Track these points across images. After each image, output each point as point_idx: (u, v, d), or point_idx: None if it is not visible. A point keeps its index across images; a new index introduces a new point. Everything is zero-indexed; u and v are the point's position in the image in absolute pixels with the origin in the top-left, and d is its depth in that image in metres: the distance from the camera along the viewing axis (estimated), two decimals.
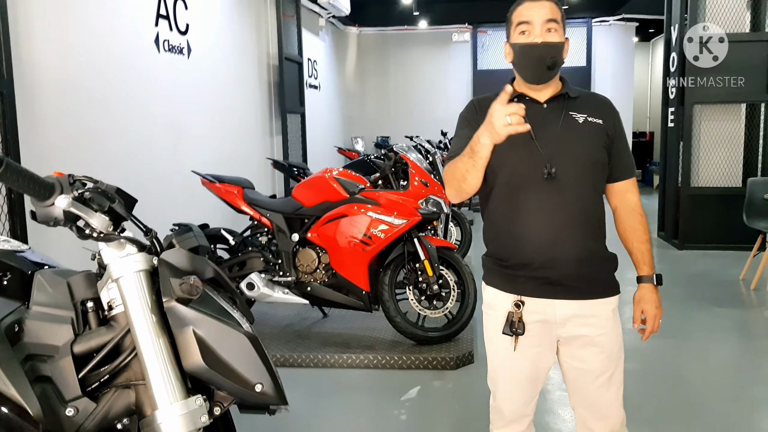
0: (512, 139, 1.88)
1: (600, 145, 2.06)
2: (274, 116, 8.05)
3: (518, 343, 2.07)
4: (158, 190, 5.11)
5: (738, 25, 7.47)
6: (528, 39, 2.00)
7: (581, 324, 2.06)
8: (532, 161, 2.01)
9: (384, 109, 13.96)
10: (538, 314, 2.06)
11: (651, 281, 2.14)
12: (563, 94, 2.09)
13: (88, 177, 1.41)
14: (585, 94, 2.16)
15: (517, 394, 2.17)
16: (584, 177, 2.04)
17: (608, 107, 2.14)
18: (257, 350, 1.37)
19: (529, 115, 1.98)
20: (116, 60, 4.63)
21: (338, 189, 4.43)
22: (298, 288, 4.49)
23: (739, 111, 7.70)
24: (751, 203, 6.16)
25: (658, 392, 3.81)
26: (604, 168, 2.09)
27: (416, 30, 13.57)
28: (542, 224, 2.02)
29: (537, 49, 1.99)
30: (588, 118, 2.07)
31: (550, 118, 2.06)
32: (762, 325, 5.14)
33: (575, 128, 2.05)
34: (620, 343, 2.13)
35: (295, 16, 8.57)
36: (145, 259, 1.40)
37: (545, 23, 1.98)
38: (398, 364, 4.17)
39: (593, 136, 2.06)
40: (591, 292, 2.06)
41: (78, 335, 1.39)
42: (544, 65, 2.00)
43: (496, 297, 2.13)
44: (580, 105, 2.10)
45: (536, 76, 2.04)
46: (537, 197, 2.02)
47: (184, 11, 5.64)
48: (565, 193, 2.01)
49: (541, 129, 2.03)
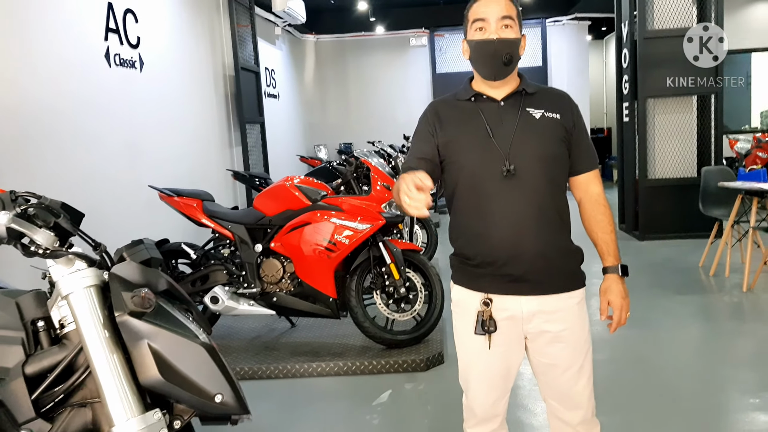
0: (471, 139, 2.02)
1: (558, 139, 2.07)
2: (232, 127, 7.99)
3: (491, 340, 2.07)
4: (116, 207, 5.02)
5: (685, 20, 7.63)
6: (484, 35, 2.02)
7: (546, 320, 2.07)
8: (491, 159, 2.02)
9: (345, 116, 13.96)
10: (506, 311, 2.07)
11: (616, 272, 2.13)
12: (520, 90, 2.10)
13: (31, 193, 1.38)
14: (543, 89, 2.17)
15: (487, 392, 2.18)
16: (543, 172, 2.04)
17: (566, 101, 2.15)
18: (215, 360, 1.36)
19: (487, 113, 2.06)
20: (66, 76, 4.55)
21: (300, 197, 4.40)
22: (264, 299, 4.44)
23: (691, 103, 7.87)
24: (706, 192, 6.28)
25: (626, 379, 3.86)
26: (563, 162, 2.10)
27: (373, 36, 13.61)
28: (504, 221, 2.02)
29: (492, 45, 2.01)
30: (545, 114, 2.08)
31: (507, 115, 2.07)
32: (723, 310, 5.24)
33: (532, 124, 2.06)
34: (586, 335, 2.14)
35: (250, 25, 8.52)
36: (95, 274, 1.37)
37: (500, 20, 2.00)
38: (369, 369, 4.15)
39: (551, 130, 2.06)
40: (555, 287, 2.07)
41: (29, 356, 1.36)
42: (500, 61, 2.02)
43: (464, 295, 2.14)
44: (538, 100, 2.10)
45: (492, 72, 2.05)
46: (497, 195, 2.03)
47: (134, 24, 5.57)
48: (524, 189, 2.02)
49: (499, 126, 2.05)
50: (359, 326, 4.33)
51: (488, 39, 2.01)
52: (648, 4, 7.67)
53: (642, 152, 7.84)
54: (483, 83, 2.11)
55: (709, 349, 4.43)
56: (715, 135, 7.75)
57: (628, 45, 8.02)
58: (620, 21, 8.31)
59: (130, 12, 5.50)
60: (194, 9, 7.05)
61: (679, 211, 7.71)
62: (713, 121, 7.78)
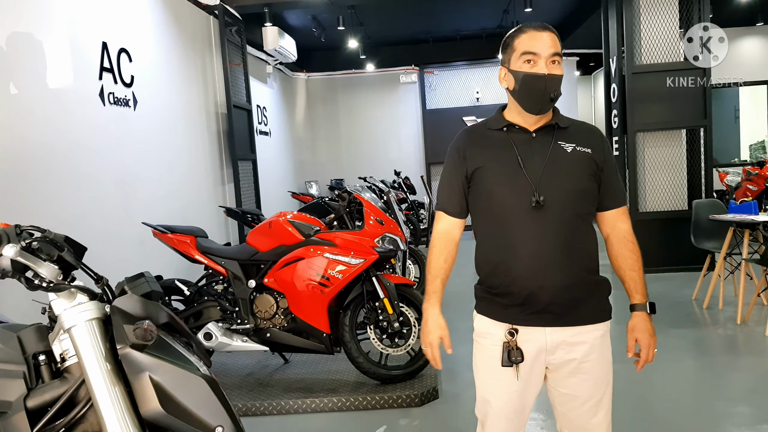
0: (501, 168, 2.06)
1: (588, 174, 2.08)
2: (225, 164, 8.02)
3: (517, 369, 2.08)
4: (109, 245, 5.02)
5: (673, 56, 7.77)
6: (533, 69, 2.03)
7: (568, 351, 2.07)
8: (520, 190, 2.04)
9: (336, 153, 14.04)
10: (530, 342, 2.07)
11: (644, 309, 2.14)
12: (553, 124, 2.12)
13: (36, 227, 1.39)
14: (576, 123, 2.18)
15: (506, 425, 2.17)
16: (571, 206, 2.05)
17: (597, 136, 2.16)
18: (216, 393, 1.36)
19: (519, 143, 2.09)
20: (61, 115, 4.58)
21: (293, 232, 4.41)
22: (258, 335, 4.42)
23: (680, 136, 7.98)
24: (698, 224, 6.34)
25: (619, 414, 3.83)
26: (592, 196, 2.11)
27: (364, 73, 13.76)
28: (530, 252, 2.04)
29: (543, 81, 2.02)
30: (577, 148, 2.09)
31: (539, 147, 2.09)
32: (717, 343, 5.25)
33: (563, 157, 2.07)
34: (608, 368, 2.14)
35: (242, 64, 8.61)
36: (97, 307, 1.38)
37: (551, 56, 2.03)
38: (363, 405, 4.13)
39: (581, 165, 2.08)
40: (579, 319, 2.07)
41: (31, 389, 1.35)
42: (547, 97, 2.04)
43: (488, 326, 2.15)
44: (570, 134, 2.12)
45: (538, 107, 2.07)
46: (525, 226, 2.04)
47: (128, 63, 5.63)
48: (552, 221, 2.03)
49: (529, 158, 2.07)
50: (353, 361, 4.31)
51: (539, 74, 2.02)
52: (636, 40, 7.82)
53: (632, 186, 7.91)
54: (518, 114, 2.13)
55: (703, 382, 4.42)
56: (705, 168, 7.85)
57: (616, 80, 8.16)
58: (608, 56, 8.46)
59: (124, 51, 5.55)
60: (187, 48, 7.14)
61: (670, 244, 7.76)
62: (702, 154, 7.88)
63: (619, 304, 2.25)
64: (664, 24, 7.78)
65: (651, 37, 7.82)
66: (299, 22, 10.79)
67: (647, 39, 7.82)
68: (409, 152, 13.59)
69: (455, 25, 11.65)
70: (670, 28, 7.77)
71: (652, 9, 7.79)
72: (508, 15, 10.87)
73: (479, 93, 13.23)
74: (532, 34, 2.05)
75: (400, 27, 12.08)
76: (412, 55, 13.57)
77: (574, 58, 13.41)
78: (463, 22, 11.72)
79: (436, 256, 2.22)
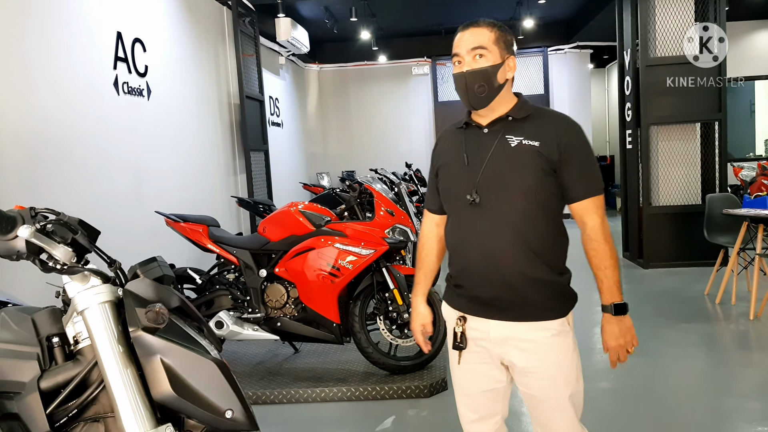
0: (452, 166, 2.14)
1: (535, 168, 2.01)
2: (237, 154, 8.05)
3: (462, 357, 2.15)
4: (122, 233, 5.05)
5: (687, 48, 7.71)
6: (458, 69, 2.07)
7: (517, 348, 2.06)
8: (464, 187, 2.08)
9: (347, 144, 14.03)
10: (477, 332, 2.11)
11: (608, 311, 2.05)
12: (506, 117, 2.08)
13: (50, 209, 1.41)
14: (538, 114, 2.10)
15: (465, 409, 2.24)
16: (514, 202, 2.02)
17: (555, 127, 2.05)
18: (226, 377, 1.37)
19: (469, 140, 2.12)
20: (76, 104, 4.61)
21: (304, 222, 4.42)
22: (268, 324, 4.45)
23: (694, 130, 7.92)
24: (711, 219, 6.30)
25: (630, 409, 3.84)
26: (545, 192, 2.03)
27: (376, 65, 13.73)
28: (473, 247, 2.08)
29: (463, 79, 2.05)
30: (524, 141, 2.03)
31: (487, 143, 2.08)
32: (729, 338, 5.23)
33: (506, 153, 2.04)
34: (569, 369, 2.08)
35: (255, 55, 8.63)
36: (110, 290, 1.39)
37: (470, 51, 2.03)
38: (372, 395, 4.14)
39: (526, 159, 2.02)
40: (524, 316, 2.05)
41: (44, 371, 1.37)
42: (473, 92, 2.04)
43: (446, 312, 2.23)
44: (523, 127, 2.06)
45: (469, 103, 2.08)
46: (470, 222, 2.08)
47: (142, 53, 5.65)
48: (493, 218, 2.03)
49: (476, 155, 2.08)
50: (362, 352, 4.32)
51: (458, 73, 2.06)
52: (650, 32, 7.76)
53: (645, 179, 7.87)
54: (474, 112, 2.14)
55: (714, 378, 4.41)
56: (719, 162, 7.78)
57: (630, 73, 8.10)
58: (622, 49, 8.40)
59: (138, 41, 5.58)
60: (201, 38, 7.15)
61: (683, 238, 7.72)
62: (717, 148, 7.81)
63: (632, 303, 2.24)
64: (679, 16, 7.71)
65: (666, 29, 7.74)
66: (312, 13, 10.77)
67: (662, 32, 7.75)
68: (421, 145, 13.55)
69: (468, 17, 11.52)
70: (685, 21, 7.70)
71: (667, 1, 7.72)
72: (522, 6, 10.81)
73: None
74: (458, 35, 2.09)
75: (412, 18, 12.03)
76: (424, 47, 13.53)
77: (587, 51, 13.33)
78: (476, 14, 11.56)
79: (418, 250, 2.40)
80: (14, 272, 3.23)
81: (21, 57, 4.10)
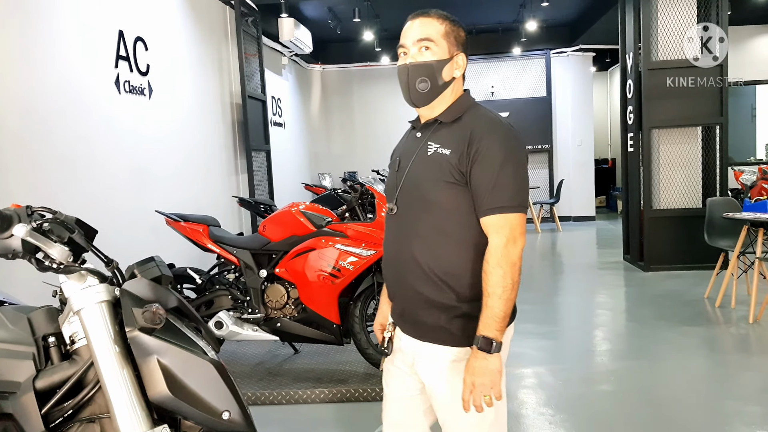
0: (391, 168, 2.05)
1: (442, 180, 1.83)
2: (238, 154, 8.05)
3: (383, 362, 2.12)
4: (122, 232, 5.05)
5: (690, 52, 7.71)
6: (402, 60, 1.94)
7: (421, 365, 1.97)
8: (390, 194, 2.02)
9: (350, 145, 14.03)
10: (398, 340, 2.07)
11: (476, 343, 1.79)
12: (436, 120, 1.93)
13: (47, 208, 1.40)
14: (468, 117, 1.90)
15: (388, 411, 2.14)
16: (423, 216, 1.88)
17: (470, 133, 1.83)
18: (223, 378, 1.37)
19: (407, 143, 2.04)
20: (77, 103, 4.61)
21: (305, 223, 4.42)
22: (268, 324, 4.44)
23: (696, 134, 7.92)
24: (711, 223, 6.29)
25: (631, 412, 3.83)
26: (451, 206, 1.84)
27: (379, 66, 13.73)
28: (389, 256, 2.04)
29: (405, 71, 1.91)
30: (438, 149, 1.86)
31: (413, 148, 1.96)
32: (729, 342, 5.21)
33: (423, 161, 1.89)
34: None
35: (257, 55, 8.63)
36: (107, 290, 1.39)
37: (416, 43, 1.88)
38: (371, 396, 4.13)
39: (436, 169, 1.85)
40: (420, 334, 1.95)
41: (40, 371, 1.37)
42: (414, 87, 1.89)
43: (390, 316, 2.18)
44: (445, 132, 1.89)
45: (409, 99, 1.95)
46: (389, 230, 2.04)
47: (144, 52, 5.65)
48: (404, 230, 1.94)
49: (405, 160, 1.99)
50: (362, 353, 4.32)
51: (401, 65, 1.93)
52: (653, 36, 7.76)
53: (647, 183, 7.87)
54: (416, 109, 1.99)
55: (714, 381, 4.39)
56: (720, 166, 7.78)
57: (632, 76, 8.09)
58: (625, 52, 8.39)
59: (140, 40, 5.58)
60: (203, 38, 7.16)
61: (684, 241, 7.72)
62: (718, 152, 7.81)
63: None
64: (681, 20, 7.71)
65: (668, 33, 7.74)
66: (315, 13, 10.78)
67: (664, 35, 7.75)
68: None
69: (471, 19, 11.60)
70: (687, 24, 7.69)
71: (669, 5, 7.73)
72: (525, 9, 10.81)
73: (494, 87, 13.18)
74: (406, 24, 1.93)
75: None
76: None
77: (590, 54, 13.32)
78: (479, 16, 11.66)
79: None
80: (11, 271, 3.23)
81: (22, 56, 4.09)
